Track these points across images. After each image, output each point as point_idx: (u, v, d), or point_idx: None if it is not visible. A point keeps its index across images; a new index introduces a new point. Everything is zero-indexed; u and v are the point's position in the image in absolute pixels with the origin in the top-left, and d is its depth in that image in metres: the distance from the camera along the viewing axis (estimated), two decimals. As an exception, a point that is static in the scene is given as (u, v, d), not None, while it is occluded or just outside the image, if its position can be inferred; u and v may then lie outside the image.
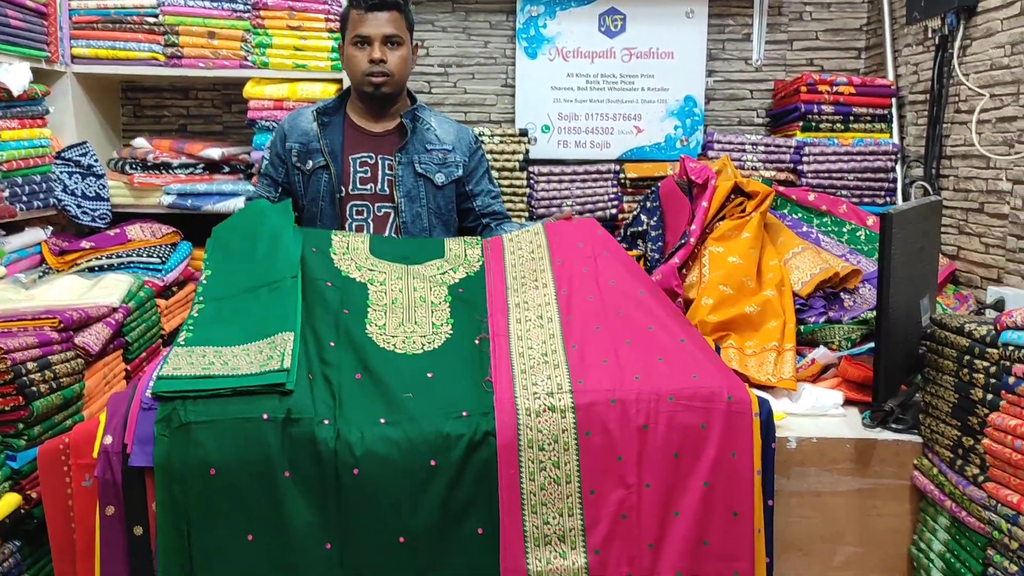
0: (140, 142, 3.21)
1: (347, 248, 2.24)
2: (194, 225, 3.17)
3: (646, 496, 1.78)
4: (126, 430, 1.78)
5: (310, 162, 2.52)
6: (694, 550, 1.78)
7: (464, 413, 1.81)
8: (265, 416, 1.74)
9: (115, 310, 2.40)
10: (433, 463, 1.75)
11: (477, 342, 2.00)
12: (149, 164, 3.14)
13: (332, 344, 1.95)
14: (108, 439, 1.77)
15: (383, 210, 2.53)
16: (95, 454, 1.76)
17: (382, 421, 1.79)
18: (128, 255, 2.84)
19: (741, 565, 1.79)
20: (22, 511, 1.91)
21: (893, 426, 2.03)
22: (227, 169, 3.18)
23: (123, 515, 1.77)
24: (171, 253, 2.94)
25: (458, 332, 2.05)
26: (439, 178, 2.56)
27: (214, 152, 3.12)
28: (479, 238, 2.40)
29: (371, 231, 2.51)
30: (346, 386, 1.86)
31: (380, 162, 2.52)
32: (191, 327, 1.98)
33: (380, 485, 1.75)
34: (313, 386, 1.83)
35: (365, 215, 2.53)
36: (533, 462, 1.78)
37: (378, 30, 2.44)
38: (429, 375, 1.92)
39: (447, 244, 2.35)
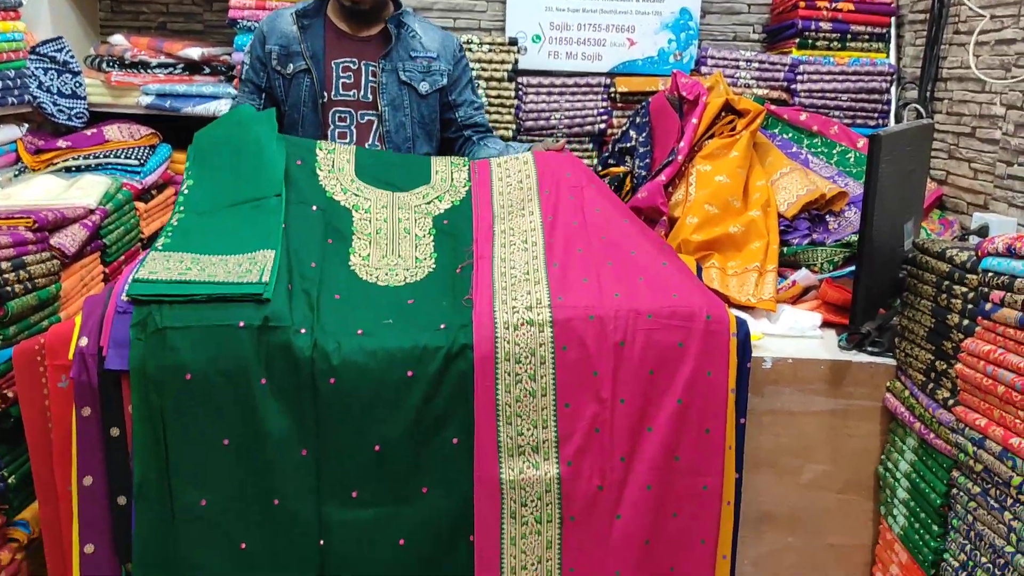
0: (118, 39, 3.11)
1: (332, 166, 2.19)
2: (174, 127, 3.10)
3: (620, 411, 1.80)
4: (101, 332, 1.78)
5: (290, 65, 2.44)
6: (665, 464, 1.81)
7: (442, 326, 1.82)
8: (241, 324, 1.74)
9: (92, 212, 2.37)
10: (410, 374, 1.76)
11: (459, 271, 2.01)
12: (127, 62, 3.05)
13: (313, 265, 1.94)
14: (83, 341, 1.77)
15: (366, 118, 2.47)
16: (71, 356, 1.76)
17: (359, 332, 1.80)
18: (106, 156, 2.78)
19: (710, 480, 1.82)
20: (-1, 410, 1.91)
21: (869, 349, 2.05)
22: (207, 70, 3.09)
23: (99, 417, 1.79)
24: (150, 155, 2.88)
25: (441, 266, 2.05)
26: (423, 87, 2.50)
27: (194, 52, 3.03)
28: (467, 160, 2.33)
29: (354, 139, 2.46)
30: (325, 302, 1.86)
31: (364, 68, 2.45)
32: (170, 234, 1.95)
33: (356, 394, 1.76)
34: (292, 298, 1.82)
35: (348, 122, 2.47)
36: (509, 375, 1.79)
37: None
38: (410, 301, 1.93)
39: (434, 166, 2.29)
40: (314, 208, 2.06)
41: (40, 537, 1.89)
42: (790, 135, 2.87)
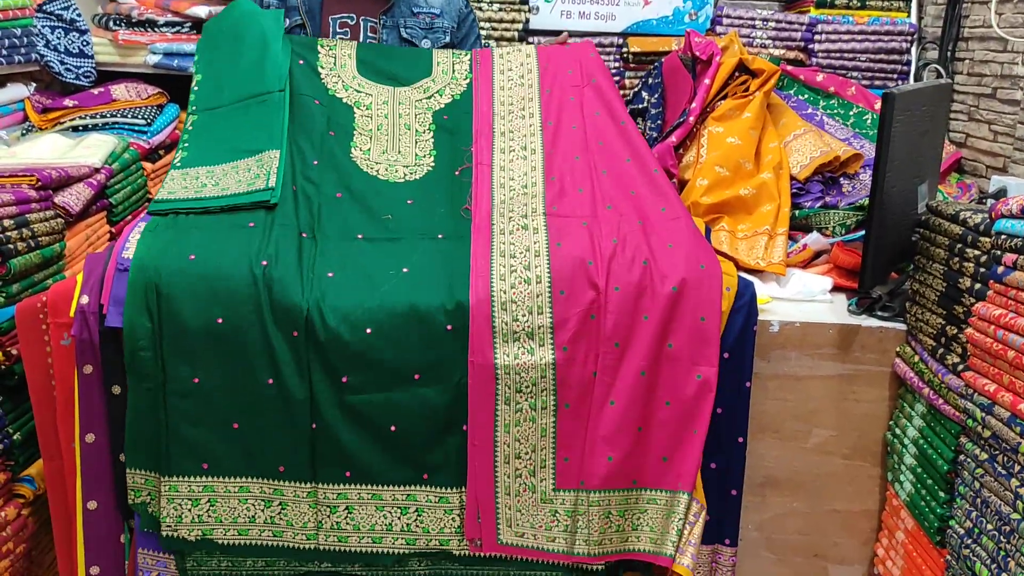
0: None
1: (334, 63, 2.23)
2: (181, 87, 3.06)
3: (614, 298, 1.79)
4: (103, 290, 1.78)
5: (286, 20, 2.38)
6: (658, 351, 1.81)
7: (440, 236, 1.91)
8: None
9: (97, 171, 2.35)
10: (405, 270, 1.82)
11: (458, 173, 2.07)
12: (134, 21, 3.01)
13: (316, 163, 2.01)
14: (85, 299, 1.77)
15: None
16: (72, 313, 1.77)
17: (360, 236, 1.89)
18: (113, 115, 2.76)
19: (704, 370, 1.80)
20: (3, 367, 1.91)
21: (879, 313, 2.01)
22: (215, 29, 3.05)
23: (101, 374, 1.80)
24: (157, 115, 2.86)
25: (440, 164, 2.10)
26: (425, 44, 2.45)
27: (201, 10, 2.99)
28: (468, 51, 2.35)
29: None
30: (326, 204, 1.95)
31: (362, 24, 2.41)
32: (187, 143, 2.07)
33: (353, 287, 1.79)
34: (296, 201, 1.92)
35: None
36: (504, 267, 1.82)
37: None
38: (409, 201, 2.00)
39: (435, 58, 2.32)
40: (317, 102, 2.14)
41: (45, 493, 1.91)
42: (806, 96, 2.80)
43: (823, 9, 3.07)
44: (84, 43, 2.93)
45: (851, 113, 2.75)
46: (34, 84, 2.82)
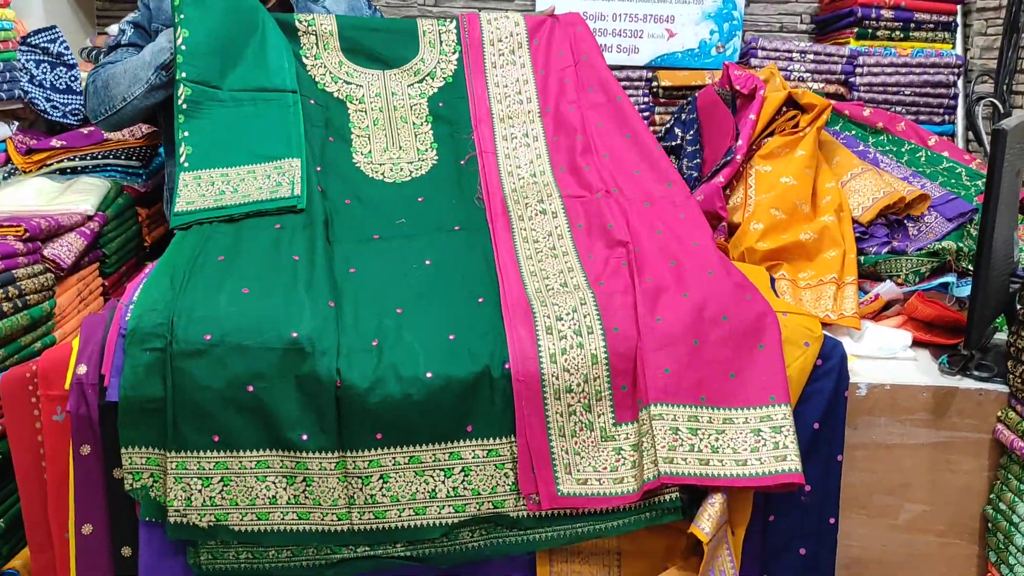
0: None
1: (316, 46, 2.17)
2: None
3: (646, 246, 1.79)
4: (103, 359, 1.55)
5: None
6: (704, 281, 1.71)
7: (456, 227, 1.92)
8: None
9: (90, 218, 2.15)
10: (428, 263, 1.81)
11: (463, 163, 2.08)
12: (127, 54, 2.80)
13: (319, 169, 2.00)
14: (82, 369, 1.56)
15: None
16: (67, 385, 1.55)
17: (376, 237, 1.88)
18: (104, 156, 2.55)
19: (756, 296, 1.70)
20: (-16, 446, 1.67)
21: (975, 373, 1.81)
22: (215, 63, 2.85)
23: (101, 456, 1.58)
24: (152, 156, 2.65)
25: (443, 157, 2.10)
26: None
27: (201, 43, 2.79)
28: (455, 18, 2.28)
29: None
30: (337, 213, 1.93)
31: None
32: (187, 134, 1.95)
33: (376, 283, 1.74)
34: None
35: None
36: (529, 250, 1.87)
37: None
38: (419, 199, 2.00)
39: (420, 27, 2.26)
40: (312, 102, 2.10)
41: (32, 592, 1.66)
42: (853, 132, 2.63)
43: (864, 40, 2.91)
44: (72, 78, 2.71)
45: (903, 150, 2.57)
46: (16, 123, 2.61)
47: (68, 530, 1.59)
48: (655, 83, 2.99)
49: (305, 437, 1.53)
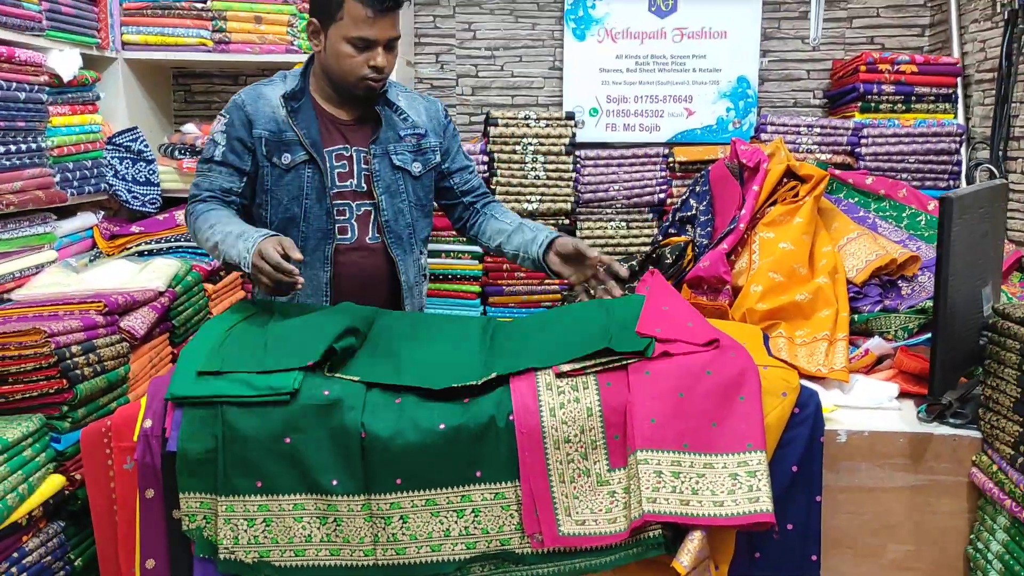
0: (190, 128, 3.24)
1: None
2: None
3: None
4: (166, 414, 1.80)
5: (287, 156, 2.21)
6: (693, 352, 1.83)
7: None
8: None
9: (161, 294, 2.43)
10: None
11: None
12: (198, 149, 3.16)
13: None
14: (148, 423, 1.79)
15: (363, 208, 2.28)
16: (135, 437, 1.78)
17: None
18: (177, 239, 2.87)
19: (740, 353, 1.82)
20: (66, 492, 1.93)
21: (951, 420, 1.94)
22: (274, 154, 3.18)
23: (162, 498, 1.79)
24: (218, 238, 2.95)
25: None
26: (416, 168, 2.32)
27: (261, 137, 3.13)
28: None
29: (356, 233, 2.28)
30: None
31: (355, 155, 2.27)
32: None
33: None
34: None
35: (348, 215, 2.28)
36: None
37: (384, 34, 2.13)
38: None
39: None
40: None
41: (104, 621, 1.90)
42: (856, 199, 2.80)
43: (867, 114, 3.10)
44: (151, 172, 3.07)
45: (904, 215, 2.73)
46: (102, 212, 2.95)
47: (134, 564, 1.81)
48: (671, 158, 3.21)
49: (335, 482, 1.77)
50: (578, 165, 3.18)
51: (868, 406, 2.05)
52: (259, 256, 1.95)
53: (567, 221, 3.27)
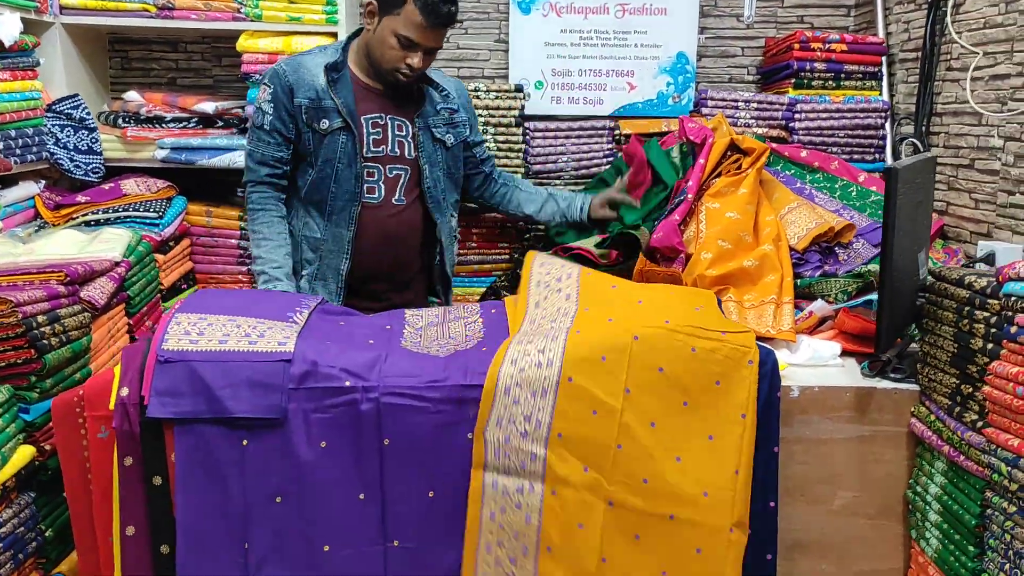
0: (132, 95, 3.16)
1: None
2: (188, 179, 3.14)
3: None
4: (143, 382, 1.80)
5: (325, 121, 2.42)
6: None
7: None
8: None
9: (117, 264, 2.40)
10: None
11: None
12: (142, 118, 3.09)
13: None
14: (125, 391, 1.79)
15: (394, 172, 2.51)
16: (111, 406, 1.78)
17: None
18: (124, 209, 2.81)
19: None
20: (36, 462, 1.92)
21: (891, 375, 2.10)
22: (220, 124, 3.13)
23: (141, 466, 1.80)
24: (167, 208, 2.92)
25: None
26: (449, 139, 2.59)
27: (208, 106, 3.08)
28: None
29: (382, 193, 2.50)
30: None
31: (390, 122, 2.49)
32: None
33: None
34: None
35: (376, 177, 2.49)
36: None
37: (429, 43, 2.36)
38: None
39: None
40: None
41: (78, 588, 1.90)
42: (792, 171, 2.95)
43: (801, 90, 3.24)
44: (93, 140, 3.00)
45: (836, 186, 2.89)
46: (43, 181, 2.87)
47: (112, 532, 1.81)
48: (617, 131, 3.31)
49: None
50: (527, 136, 3.24)
51: (814, 364, 2.20)
52: None
53: (516, 192, 3.32)
